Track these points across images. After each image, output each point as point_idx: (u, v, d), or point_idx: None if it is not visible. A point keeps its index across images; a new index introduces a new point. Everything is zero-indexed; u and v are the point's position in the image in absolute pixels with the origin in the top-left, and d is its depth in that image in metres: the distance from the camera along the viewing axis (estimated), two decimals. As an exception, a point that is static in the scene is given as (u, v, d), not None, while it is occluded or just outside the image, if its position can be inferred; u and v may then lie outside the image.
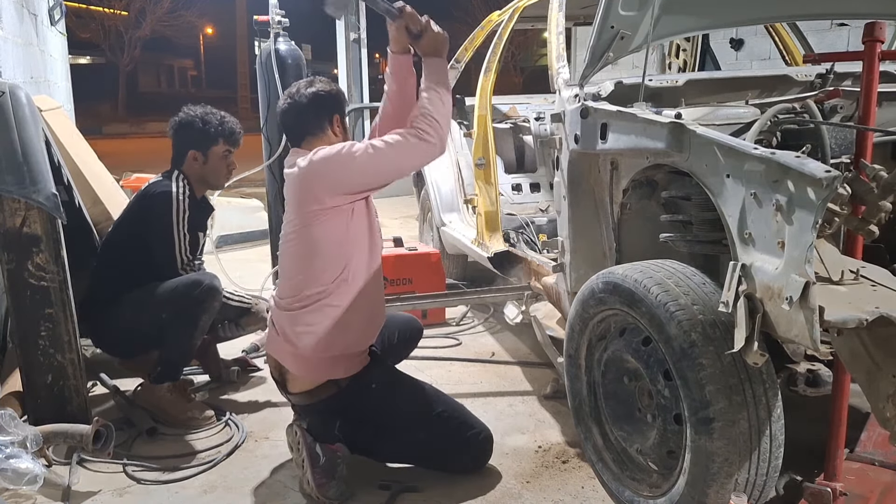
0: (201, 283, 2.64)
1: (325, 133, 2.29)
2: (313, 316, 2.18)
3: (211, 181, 2.88)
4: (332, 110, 2.31)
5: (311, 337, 2.18)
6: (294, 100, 2.29)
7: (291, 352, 2.22)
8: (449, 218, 4.24)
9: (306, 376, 2.24)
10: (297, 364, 2.23)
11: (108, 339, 2.83)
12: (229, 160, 2.87)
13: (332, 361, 2.21)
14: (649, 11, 2.26)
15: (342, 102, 2.37)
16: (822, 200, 1.43)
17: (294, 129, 2.32)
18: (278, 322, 2.26)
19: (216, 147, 2.82)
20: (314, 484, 2.11)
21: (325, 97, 2.30)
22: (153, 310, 2.63)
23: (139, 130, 23.47)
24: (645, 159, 2.07)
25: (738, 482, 1.72)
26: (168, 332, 2.65)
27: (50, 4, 5.11)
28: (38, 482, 2.10)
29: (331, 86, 2.35)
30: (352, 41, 9.13)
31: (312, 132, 2.29)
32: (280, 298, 2.27)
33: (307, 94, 2.28)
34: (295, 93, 2.30)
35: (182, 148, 2.81)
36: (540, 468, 2.33)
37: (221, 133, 2.82)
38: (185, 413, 2.69)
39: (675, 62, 4.26)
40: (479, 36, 4.29)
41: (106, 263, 2.82)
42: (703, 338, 1.72)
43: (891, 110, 2.25)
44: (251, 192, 7.42)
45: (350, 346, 2.23)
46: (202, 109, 2.83)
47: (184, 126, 2.81)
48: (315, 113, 2.28)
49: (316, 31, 11.00)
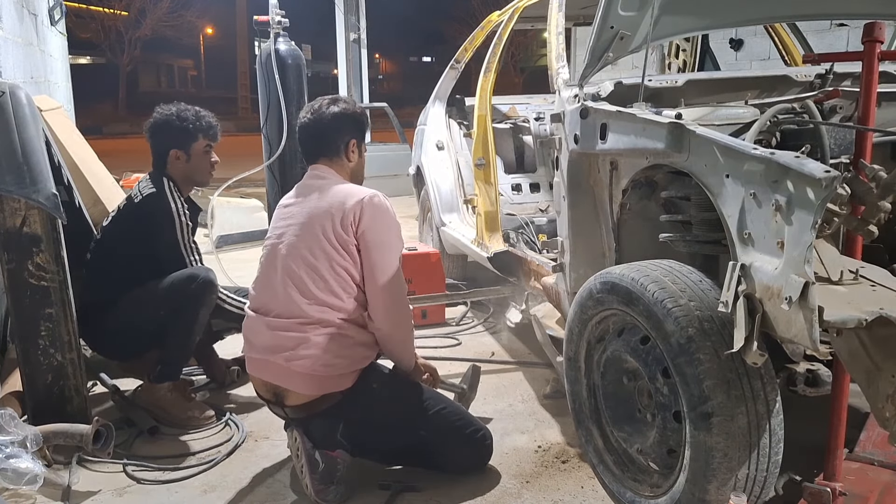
0: (197, 278, 2.62)
1: (340, 156, 2.29)
2: (325, 338, 2.13)
3: (196, 178, 2.85)
4: (352, 133, 2.30)
5: (324, 357, 2.12)
6: (315, 115, 2.27)
7: (296, 372, 2.14)
8: (449, 218, 4.24)
9: (309, 392, 2.17)
10: (302, 382, 2.15)
11: (106, 342, 2.81)
12: (211, 155, 2.85)
13: (339, 378, 2.18)
14: (649, 12, 2.26)
15: (364, 126, 2.36)
16: (822, 200, 1.43)
17: (310, 147, 2.32)
18: (275, 342, 2.17)
19: (196, 144, 2.79)
20: (312, 490, 2.11)
21: (346, 118, 2.28)
22: (151, 308, 2.62)
23: (139, 130, 23.29)
24: (644, 159, 2.07)
25: (738, 478, 1.72)
26: (167, 330, 2.65)
27: (50, 4, 5.11)
28: (37, 482, 2.10)
29: (355, 107, 2.33)
30: (352, 41, 9.14)
31: (327, 153, 2.28)
32: (281, 318, 2.18)
33: (329, 113, 2.26)
34: (318, 108, 2.28)
35: (162, 149, 2.78)
36: (539, 468, 2.33)
37: (200, 128, 2.79)
38: (186, 413, 2.69)
39: (674, 62, 4.26)
40: (479, 36, 4.29)
41: (100, 268, 2.78)
42: (700, 333, 1.73)
43: (890, 110, 2.25)
44: (251, 192, 7.42)
45: (361, 362, 2.21)
46: (176, 108, 2.79)
47: (160, 126, 2.78)
48: (335, 134, 2.27)
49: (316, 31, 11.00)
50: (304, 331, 2.14)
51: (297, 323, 2.15)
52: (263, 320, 2.22)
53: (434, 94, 4.59)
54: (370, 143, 9.87)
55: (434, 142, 4.41)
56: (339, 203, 2.16)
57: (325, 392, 2.16)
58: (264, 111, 4.38)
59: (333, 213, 2.15)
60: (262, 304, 2.25)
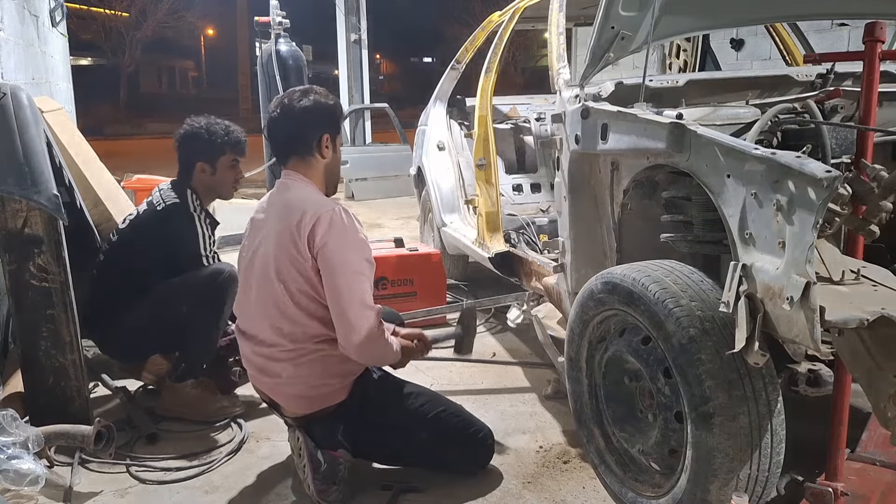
0: (223, 271, 2.68)
1: (312, 154, 2.14)
2: (308, 365, 2.10)
3: (219, 191, 2.89)
4: (324, 128, 2.14)
5: (310, 381, 2.12)
6: (285, 110, 2.12)
7: (286, 393, 2.16)
8: (450, 218, 4.24)
9: (302, 411, 2.17)
10: (295, 403, 2.17)
11: (120, 343, 2.81)
12: (237, 169, 2.89)
13: (332, 394, 2.17)
14: (650, 12, 2.26)
15: (337, 119, 2.20)
16: (823, 200, 1.44)
17: (280, 143, 2.17)
18: (263, 366, 2.17)
19: (224, 157, 2.83)
20: (315, 490, 2.11)
21: (318, 112, 2.12)
22: (173, 304, 2.65)
23: (140, 131, 23.48)
24: (646, 159, 2.07)
25: (739, 478, 1.72)
26: (190, 326, 2.67)
27: (51, 6, 5.11)
28: (39, 483, 2.10)
29: (328, 99, 2.18)
30: (352, 42, 9.14)
31: (298, 151, 2.14)
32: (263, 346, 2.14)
33: (300, 106, 2.11)
34: (287, 103, 2.13)
35: (189, 160, 2.82)
36: (541, 468, 2.33)
37: (228, 143, 2.82)
38: (216, 405, 2.71)
39: (675, 62, 4.26)
40: (480, 37, 4.29)
41: (115, 269, 2.80)
42: (701, 333, 1.72)
43: (891, 110, 2.25)
44: (252, 192, 7.42)
45: (351, 375, 2.20)
46: (206, 120, 2.83)
47: (189, 138, 2.81)
48: (305, 129, 2.12)
49: (317, 31, 11.01)
50: (286, 359, 2.12)
51: (279, 351, 2.12)
52: (249, 346, 2.20)
53: (435, 95, 4.59)
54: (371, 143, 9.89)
55: (435, 142, 4.41)
56: (296, 221, 2.03)
57: (318, 409, 2.17)
58: (265, 112, 4.39)
59: (290, 233, 2.03)
60: (246, 327, 2.23)
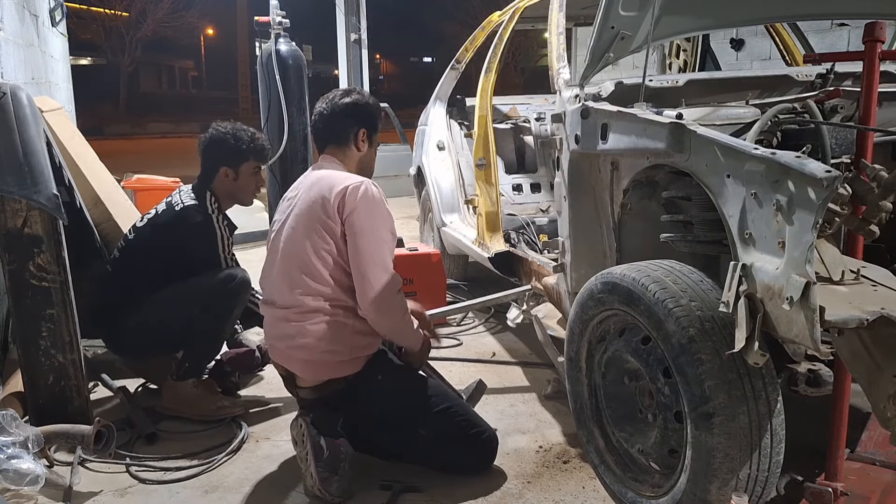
0: (235, 276, 2.72)
1: (348, 144, 2.38)
2: (320, 327, 2.19)
3: (240, 197, 2.92)
4: (360, 123, 2.38)
5: (319, 345, 2.19)
6: (328, 105, 2.38)
7: (297, 358, 2.24)
8: (450, 218, 4.24)
9: (313, 377, 2.26)
10: (304, 368, 2.25)
11: (128, 340, 2.81)
12: (258, 177, 2.92)
13: (339, 364, 2.22)
14: (650, 12, 2.26)
15: (374, 117, 2.42)
16: (823, 200, 1.43)
17: (321, 134, 2.41)
18: (279, 331, 2.27)
19: (247, 164, 2.86)
20: (317, 477, 2.11)
21: (356, 107, 2.37)
22: (185, 305, 2.67)
23: (140, 131, 23.51)
24: (645, 159, 2.07)
25: (739, 478, 1.72)
26: (199, 326, 2.69)
27: (51, 5, 5.12)
28: (39, 483, 2.10)
29: (366, 98, 2.42)
30: (352, 42, 9.13)
31: (336, 141, 2.38)
32: (282, 308, 2.26)
33: (341, 102, 2.37)
34: (331, 98, 2.39)
35: (212, 164, 2.85)
36: (541, 468, 2.33)
37: (252, 150, 2.86)
38: (216, 404, 2.72)
39: (675, 62, 4.26)
40: (480, 36, 4.30)
41: (130, 267, 2.81)
42: (700, 333, 1.72)
43: (891, 110, 2.25)
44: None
45: (362, 350, 2.25)
46: (232, 126, 2.87)
47: (214, 143, 2.84)
48: (343, 122, 2.36)
49: (316, 31, 11.01)
50: (300, 320, 2.20)
51: (294, 313, 2.22)
52: (271, 311, 2.31)
53: (435, 95, 4.59)
54: (371, 143, 9.85)
55: (435, 142, 4.41)
56: (328, 189, 2.22)
57: (327, 377, 2.23)
58: (265, 112, 4.40)
59: (322, 200, 2.21)
60: (268, 294, 2.34)
